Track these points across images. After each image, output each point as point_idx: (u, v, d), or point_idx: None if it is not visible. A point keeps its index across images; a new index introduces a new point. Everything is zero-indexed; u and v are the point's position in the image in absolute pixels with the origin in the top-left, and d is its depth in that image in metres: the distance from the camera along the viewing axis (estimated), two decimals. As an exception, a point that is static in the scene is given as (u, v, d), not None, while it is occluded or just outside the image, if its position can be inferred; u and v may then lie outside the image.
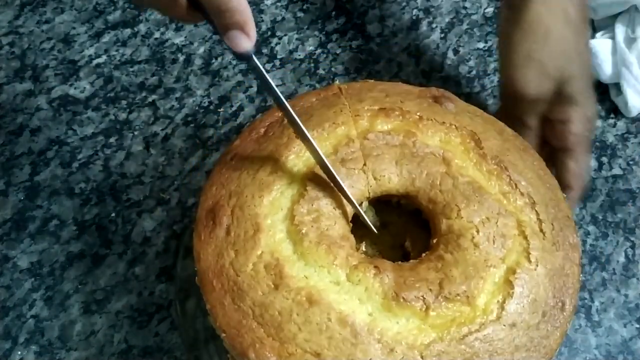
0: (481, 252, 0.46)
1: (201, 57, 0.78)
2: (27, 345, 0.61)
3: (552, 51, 0.59)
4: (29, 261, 0.65)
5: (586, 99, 0.60)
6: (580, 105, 0.60)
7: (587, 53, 0.62)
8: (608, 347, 0.61)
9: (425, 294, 0.43)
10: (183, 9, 0.46)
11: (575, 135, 0.60)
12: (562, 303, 0.46)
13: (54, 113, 0.74)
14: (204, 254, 0.46)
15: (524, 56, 0.59)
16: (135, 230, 0.67)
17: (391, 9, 0.82)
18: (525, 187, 0.49)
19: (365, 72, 0.77)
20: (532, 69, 0.59)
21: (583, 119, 0.60)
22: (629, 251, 0.66)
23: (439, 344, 0.42)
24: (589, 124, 0.61)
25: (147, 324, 0.62)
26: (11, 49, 0.78)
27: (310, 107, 0.53)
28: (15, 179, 0.70)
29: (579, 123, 0.60)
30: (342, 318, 0.42)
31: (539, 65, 0.59)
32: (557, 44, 0.59)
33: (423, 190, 0.49)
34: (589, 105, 0.61)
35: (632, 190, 0.69)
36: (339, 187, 0.47)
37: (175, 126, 0.73)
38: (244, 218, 0.46)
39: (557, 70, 0.59)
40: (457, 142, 0.51)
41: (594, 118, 0.62)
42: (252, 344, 0.43)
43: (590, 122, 0.61)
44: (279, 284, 0.43)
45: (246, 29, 0.45)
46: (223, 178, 0.49)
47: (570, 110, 0.60)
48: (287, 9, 0.82)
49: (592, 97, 0.61)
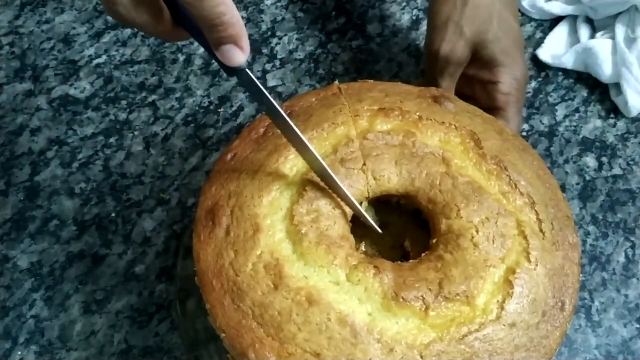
0: (481, 252, 0.46)
1: (201, 57, 0.78)
2: (27, 345, 0.61)
3: (469, 15, 0.62)
4: (29, 261, 0.65)
5: (512, 61, 0.63)
6: (507, 66, 0.63)
7: (511, 19, 0.65)
8: (608, 347, 0.61)
9: (424, 294, 0.43)
10: (168, 25, 0.45)
11: (504, 95, 0.63)
12: (561, 303, 0.46)
13: (54, 113, 0.74)
14: (204, 254, 0.46)
15: (443, 20, 0.62)
16: (135, 230, 0.67)
17: (391, 9, 0.82)
18: (525, 187, 0.49)
19: (365, 72, 0.77)
20: (448, 31, 0.62)
21: (511, 79, 0.63)
22: (629, 251, 0.65)
23: (439, 343, 0.42)
24: (518, 84, 0.63)
25: (147, 324, 0.62)
26: (11, 49, 0.78)
27: (310, 107, 0.53)
28: (15, 179, 0.70)
29: (507, 83, 0.63)
30: (341, 318, 0.42)
31: (455, 27, 0.62)
32: (475, 9, 0.62)
33: (422, 190, 0.49)
34: (516, 66, 0.63)
35: (632, 190, 0.69)
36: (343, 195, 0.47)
37: (175, 126, 0.73)
38: (243, 218, 0.46)
39: (472, 33, 0.62)
40: (457, 142, 0.51)
41: (523, 79, 0.64)
42: (252, 344, 0.43)
43: (518, 82, 0.63)
44: (278, 284, 0.43)
45: (240, 43, 0.44)
46: (222, 178, 0.49)
47: (496, 72, 0.63)
48: (287, 9, 0.82)
49: (519, 58, 0.64)
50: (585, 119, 0.73)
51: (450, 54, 0.62)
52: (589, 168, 0.70)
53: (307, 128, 0.50)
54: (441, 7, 0.63)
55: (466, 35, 0.61)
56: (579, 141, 0.72)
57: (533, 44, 0.79)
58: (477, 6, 0.62)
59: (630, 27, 0.74)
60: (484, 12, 0.62)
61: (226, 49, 0.43)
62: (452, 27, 0.62)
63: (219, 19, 0.42)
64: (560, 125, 0.73)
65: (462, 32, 0.61)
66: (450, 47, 0.62)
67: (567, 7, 0.78)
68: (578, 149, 0.71)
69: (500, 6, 0.63)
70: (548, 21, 0.81)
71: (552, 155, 0.71)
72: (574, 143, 0.72)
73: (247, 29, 0.80)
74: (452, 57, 0.62)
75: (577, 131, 0.73)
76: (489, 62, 0.63)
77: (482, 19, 0.62)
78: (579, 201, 0.68)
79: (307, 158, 0.47)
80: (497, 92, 0.63)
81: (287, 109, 0.53)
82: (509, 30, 0.63)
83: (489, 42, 0.62)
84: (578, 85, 0.76)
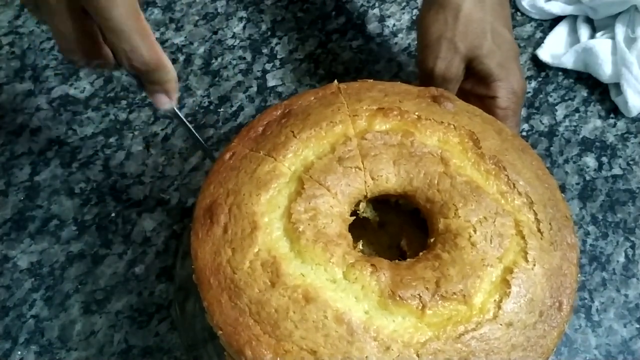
0: (478, 251, 0.45)
1: (201, 57, 0.78)
2: (27, 345, 0.61)
3: (461, 31, 0.61)
4: (29, 261, 0.65)
5: (509, 74, 0.62)
6: (504, 80, 0.62)
7: (505, 31, 0.63)
8: (608, 347, 0.61)
9: (421, 293, 0.43)
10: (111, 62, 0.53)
11: (502, 110, 0.62)
12: (559, 303, 0.46)
13: (54, 113, 0.74)
14: (202, 252, 0.46)
15: (436, 37, 0.61)
16: (135, 230, 0.67)
17: (391, 9, 0.82)
18: (524, 187, 0.49)
19: (365, 72, 0.77)
20: (442, 48, 0.61)
21: (509, 93, 0.62)
22: (629, 251, 0.65)
23: (435, 342, 0.42)
24: (516, 97, 0.63)
25: (147, 324, 0.62)
26: (11, 49, 0.79)
27: (309, 106, 0.53)
28: (15, 179, 0.70)
29: (505, 97, 0.62)
30: (338, 316, 0.42)
31: (449, 43, 0.61)
32: (467, 23, 0.61)
33: (421, 189, 0.49)
34: (512, 78, 0.62)
35: (632, 190, 0.69)
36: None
37: (175, 126, 0.73)
38: (241, 216, 0.46)
39: (467, 49, 0.61)
40: (456, 141, 0.51)
41: (520, 91, 0.63)
42: (249, 342, 0.43)
43: (516, 95, 0.63)
44: (275, 282, 0.43)
45: (169, 90, 0.53)
46: (221, 177, 0.49)
47: (494, 87, 0.62)
48: (287, 9, 0.82)
49: (515, 70, 0.63)
50: (585, 119, 0.73)
51: (446, 72, 0.61)
52: (589, 168, 0.70)
53: (305, 127, 0.50)
54: (431, 24, 0.62)
55: (461, 52, 0.61)
56: (579, 141, 0.72)
57: (533, 44, 0.79)
58: (469, 21, 0.61)
59: (630, 27, 0.74)
60: (477, 27, 0.61)
61: (158, 97, 0.54)
62: (446, 44, 0.61)
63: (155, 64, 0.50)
64: (560, 125, 0.73)
65: (457, 48, 0.61)
66: (445, 65, 0.61)
67: (567, 7, 0.78)
68: (578, 149, 0.71)
69: (492, 19, 0.62)
70: (548, 21, 0.81)
71: (552, 155, 0.71)
72: (574, 143, 0.72)
73: (247, 29, 0.80)
74: (447, 74, 0.61)
75: (577, 131, 0.72)
76: (486, 77, 0.62)
77: (475, 34, 0.61)
78: (578, 201, 0.68)
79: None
80: (495, 108, 0.62)
81: (286, 108, 0.53)
82: (503, 42, 0.62)
83: (484, 57, 0.61)
84: (578, 85, 0.76)
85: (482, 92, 0.63)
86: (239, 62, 0.78)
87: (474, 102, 0.63)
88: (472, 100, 0.64)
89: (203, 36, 0.80)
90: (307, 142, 0.50)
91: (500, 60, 0.62)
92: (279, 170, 0.48)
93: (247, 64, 0.78)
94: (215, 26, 0.81)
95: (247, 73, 0.77)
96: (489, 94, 0.62)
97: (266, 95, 0.75)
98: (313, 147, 0.49)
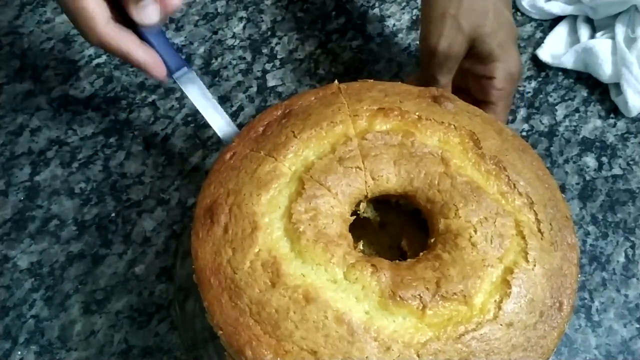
0: (479, 251, 0.45)
1: (201, 57, 0.78)
2: (27, 345, 0.61)
3: (466, 9, 0.61)
4: (29, 261, 0.65)
5: (507, 55, 0.62)
6: (502, 60, 0.62)
7: (506, 12, 0.64)
8: (608, 347, 0.61)
9: (422, 293, 0.43)
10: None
11: (498, 91, 0.62)
12: (559, 303, 0.46)
13: (54, 113, 0.74)
14: (202, 252, 0.46)
15: (439, 14, 0.61)
16: (135, 230, 0.67)
17: (391, 9, 0.82)
18: (524, 187, 0.49)
19: (365, 72, 0.77)
20: (445, 25, 0.61)
21: (506, 75, 0.62)
22: (629, 251, 0.65)
23: (436, 342, 0.42)
24: (512, 79, 0.63)
25: (147, 324, 0.62)
26: (11, 49, 0.79)
27: (309, 106, 0.53)
28: (15, 179, 0.70)
29: (502, 79, 0.62)
30: (338, 316, 0.42)
31: (452, 21, 0.61)
32: (471, 2, 0.61)
33: (421, 190, 0.49)
34: (511, 60, 0.63)
35: (632, 190, 0.69)
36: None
37: (175, 126, 0.73)
38: (241, 216, 0.46)
39: (470, 27, 0.61)
40: (456, 142, 0.51)
41: (517, 73, 0.63)
42: (249, 342, 0.43)
43: (513, 77, 0.63)
44: (276, 282, 0.43)
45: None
46: (221, 177, 0.49)
47: (492, 67, 0.62)
48: (287, 9, 0.82)
49: (514, 52, 0.63)
50: (585, 119, 0.73)
51: (449, 50, 0.61)
52: (589, 168, 0.70)
53: (305, 127, 0.50)
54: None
55: (464, 30, 0.60)
56: (579, 141, 0.72)
57: (533, 44, 0.79)
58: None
59: (630, 27, 0.74)
60: (480, 5, 0.61)
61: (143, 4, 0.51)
62: (450, 21, 0.60)
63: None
64: (560, 125, 0.73)
65: (460, 26, 0.60)
66: (448, 42, 0.61)
67: (567, 7, 0.78)
68: (578, 149, 0.71)
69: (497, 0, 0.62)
70: (548, 21, 0.81)
71: (552, 155, 0.71)
72: (574, 143, 0.72)
73: (247, 29, 0.80)
74: (450, 52, 0.61)
75: (577, 131, 0.72)
76: (486, 57, 0.62)
77: (478, 12, 0.61)
78: (579, 201, 0.68)
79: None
80: (491, 88, 0.62)
81: (286, 108, 0.53)
82: (504, 23, 0.63)
83: (486, 36, 0.61)
84: (578, 85, 0.76)
85: (480, 71, 0.63)
86: (239, 62, 0.78)
87: (469, 80, 0.64)
88: (468, 78, 0.65)
89: (203, 36, 0.80)
90: (308, 142, 0.50)
91: (501, 41, 0.62)
92: (280, 170, 0.48)
93: (247, 64, 0.78)
94: (215, 26, 0.81)
95: (247, 73, 0.77)
96: (487, 74, 0.63)
97: (266, 95, 0.75)
98: (313, 147, 0.49)
